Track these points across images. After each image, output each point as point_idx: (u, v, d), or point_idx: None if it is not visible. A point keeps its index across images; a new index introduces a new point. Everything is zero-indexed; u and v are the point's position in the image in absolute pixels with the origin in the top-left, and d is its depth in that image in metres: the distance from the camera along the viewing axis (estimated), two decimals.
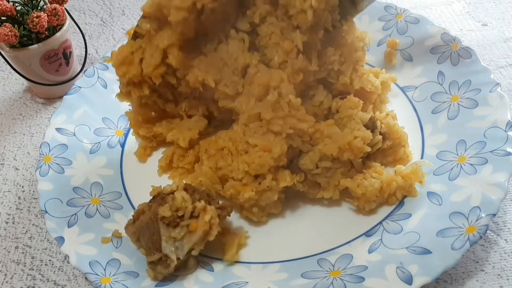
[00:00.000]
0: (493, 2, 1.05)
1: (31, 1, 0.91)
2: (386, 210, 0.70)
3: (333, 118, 0.74)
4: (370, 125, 0.72)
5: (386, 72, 0.83)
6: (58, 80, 0.97)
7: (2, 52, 0.90)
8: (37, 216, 0.79)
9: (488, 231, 0.68)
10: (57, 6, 0.90)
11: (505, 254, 0.66)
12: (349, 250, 0.66)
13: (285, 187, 0.69)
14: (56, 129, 0.82)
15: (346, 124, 0.72)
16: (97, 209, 0.74)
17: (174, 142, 0.80)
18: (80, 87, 0.89)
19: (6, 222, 0.78)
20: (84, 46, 1.02)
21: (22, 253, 0.74)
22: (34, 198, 0.81)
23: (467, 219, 0.63)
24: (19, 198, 0.82)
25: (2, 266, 0.73)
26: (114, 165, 0.82)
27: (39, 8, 0.91)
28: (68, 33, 0.94)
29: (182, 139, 0.78)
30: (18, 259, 0.73)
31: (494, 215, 0.62)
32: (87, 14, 1.18)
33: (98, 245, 0.69)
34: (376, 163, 0.73)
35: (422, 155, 0.75)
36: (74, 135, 0.83)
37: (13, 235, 0.76)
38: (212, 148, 0.73)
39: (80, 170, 0.79)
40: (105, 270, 0.65)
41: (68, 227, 0.70)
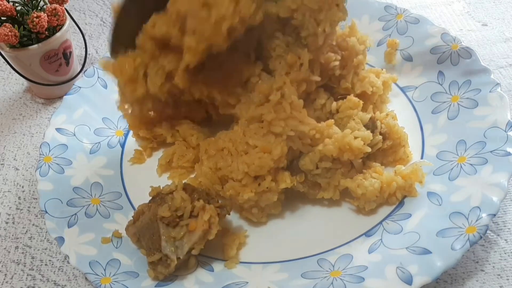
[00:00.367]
0: (493, 2, 1.05)
1: (31, 1, 0.91)
2: (386, 210, 0.70)
3: (333, 118, 0.74)
4: (370, 125, 0.72)
5: (386, 72, 0.83)
6: (58, 80, 0.97)
7: (2, 52, 0.90)
8: (37, 216, 0.79)
9: (488, 231, 0.68)
10: (57, 6, 0.90)
11: (505, 254, 0.66)
12: (349, 250, 0.66)
13: (285, 188, 0.69)
14: (56, 129, 0.82)
15: (346, 124, 0.72)
16: (97, 209, 0.74)
17: (176, 142, 0.80)
18: (80, 87, 0.89)
19: (6, 222, 0.78)
20: (84, 46, 1.02)
21: (22, 253, 0.74)
22: (34, 198, 0.81)
23: (467, 219, 0.63)
24: (19, 198, 0.82)
25: (2, 266, 0.73)
26: (114, 165, 0.82)
27: (39, 8, 0.91)
28: (68, 33, 0.94)
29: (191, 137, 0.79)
30: (18, 259, 0.73)
31: (494, 215, 0.62)
32: (87, 14, 1.18)
33: (98, 245, 0.69)
34: (376, 163, 0.73)
35: (422, 155, 0.75)
36: (74, 135, 0.83)
37: (13, 235, 0.76)
38: (212, 148, 0.73)
39: (80, 170, 0.79)
40: (105, 270, 0.65)
41: (68, 227, 0.70)
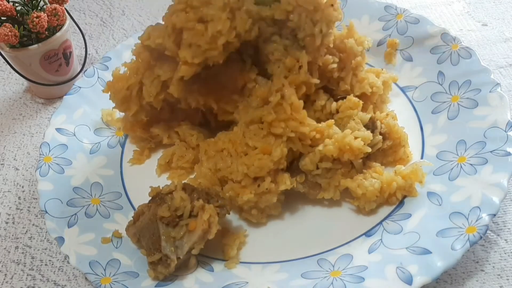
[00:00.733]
0: (493, 2, 1.05)
1: (31, 1, 0.91)
2: (386, 210, 0.70)
3: (333, 118, 0.74)
4: (370, 125, 0.72)
5: (386, 72, 0.83)
6: (58, 80, 0.97)
7: (2, 52, 0.90)
8: (37, 216, 0.79)
9: (488, 231, 0.68)
10: (57, 6, 0.90)
11: (505, 254, 0.66)
12: (349, 250, 0.66)
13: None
14: (56, 129, 0.82)
15: (346, 124, 0.72)
16: (97, 209, 0.74)
17: (175, 142, 0.80)
18: (80, 87, 0.89)
19: (6, 222, 0.78)
20: (84, 46, 1.02)
21: (22, 253, 0.74)
22: (34, 198, 0.81)
23: (467, 219, 0.63)
24: (19, 198, 0.82)
25: (2, 266, 0.73)
26: (114, 165, 0.81)
27: (39, 8, 0.91)
28: (68, 33, 0.94)
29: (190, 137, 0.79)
30: (18, 259, 0.73)
31: (494, 215, 0.62)
32: (87, 14, 1.18)
33: (98, 245, 0.69)
34: (376, 163, 0.72)
35: (422, 155, 0.75)
36: (74, 135, 0.83)
37: (13, 235, 0.76)
38: (211, 149, 0.73)
39: (80, 170, 0.79)
40: (105, 270, 0.65)
41: (68, 227, 0.70)
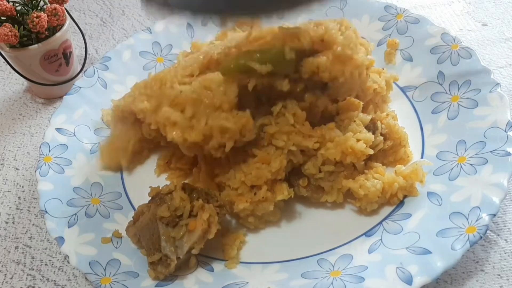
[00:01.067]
0: (493, 2, 1.05)
1: (31, 1, 0.91)
2: (386, 210, 0.70)
3: (333, 120, 0.73)
4: (371, 126, 0.72)
5: (387, 71, 0.83)
6: (58, 80, 0.96)
7: (2, 52, 0.90)
8: (37, 216, 0.79)
9: (488, 231, 0.68)
10: (57, 6, 0.90)
11: (505, 254, 0.66)
12: (349, 250, 0.66)
13: None
14: (56, 129, 0.82)
15: (347, 126, 0.71)
16: (97, 209, 0.74)
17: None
18: (80, 87, 0.89)
19: (6, 222, 0.78)
20: (84, 46, 1.02)
21: (22, 253, 0.74)
22: (34, 198, 0.81)
23: (467, 219, 0.63)
24: (19, 198, 0.82)
25: (2, 266, 0.73)
26: None
27: (39, 8, 0.91)
28: (68, 33, 0.94)
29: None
30: (18, 259, 0.73)
31: (494, 215, 0.62)
32: (87, 14, 1.18)
33: (98, 245, 0.68)
34: (377, 164, 0.72)
35: (422, 155, 0.75)
36: (74, 135, 0.83)
37: (13, 235, 0.76)
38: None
39: (80, 170, 0.79)
40: (105, 270, 0.65)
41: (68, 227, 0.70)
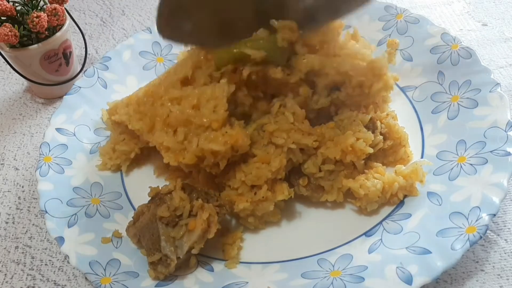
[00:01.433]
0: (493, 2, 1.05)
1: (31, 1, 0.91)
2: (386, 210, 0.70)
3: (333, 120, 0.73)
4: (371, 126, 0.72)
5: None
6: (58, 80, 0.97)
7: (2, 52, 0.90)
8: (37, 216, 0.79)
9: (488, 231, 0.68)
10: (57, 6, 0.90)
11: (505, 254, 0.66)
12: (349, 250, 0.66)
13: None
14: (56, 129, 0.82)
15: (346, 126, 0.71)
16: (97, 209, 0.74)
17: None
18: (80, 87, 0.89)
19: (6, 222, 0.78)
20: (84, 46, 1.02)
21: (22, 253, 0.74)
22: (34, 198, 0.81)
23: (467, 219, 0.63)
24: (19, 198, 0.82)
25: (2, 266, 0.73)
26: None
27: (39, 8, 0.91)
28: (68, 33, 0.94)
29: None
30: (18, 259, 0.73)
31: (494, 215, 0.62)
32: (87, 14, 1.18)
33: (98, 245, 0.68)
34: (377, 163, 0.72)
35: (422, 155, 0.75)
36: (74, 135, 0.83)
37: (13, 235, 0.76)
38: None
39: (80, 170, 0.79)
40: (105, 270, 0.65)
41: (68, 227, 0.70)
